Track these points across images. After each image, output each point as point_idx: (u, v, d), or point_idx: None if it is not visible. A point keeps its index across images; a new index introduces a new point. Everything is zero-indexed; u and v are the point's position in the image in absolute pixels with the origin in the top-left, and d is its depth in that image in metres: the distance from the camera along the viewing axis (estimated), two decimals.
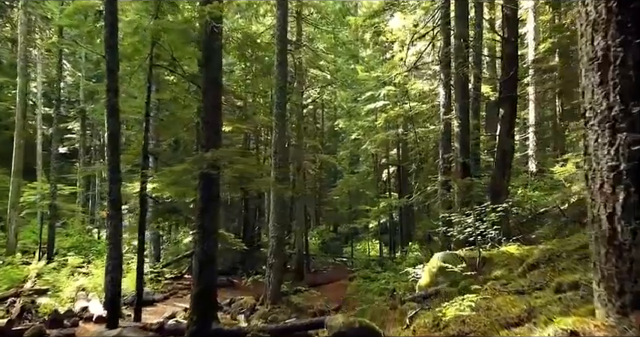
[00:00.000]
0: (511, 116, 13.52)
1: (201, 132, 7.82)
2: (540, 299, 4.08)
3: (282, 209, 15.04)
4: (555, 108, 23.60)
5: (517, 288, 5.20)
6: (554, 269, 6.01)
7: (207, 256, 7.67)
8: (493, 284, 6.11)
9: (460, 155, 13.49)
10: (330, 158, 24.66)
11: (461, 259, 9.51)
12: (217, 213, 8.08)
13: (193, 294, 7.55)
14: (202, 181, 7.79)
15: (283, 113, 15.32)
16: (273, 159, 15.13)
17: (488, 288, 5.76)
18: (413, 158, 23.53)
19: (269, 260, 14.90)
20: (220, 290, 17.49)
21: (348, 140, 29.46)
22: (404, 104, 20.98)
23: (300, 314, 14.74)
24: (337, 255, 27.01)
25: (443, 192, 13.77)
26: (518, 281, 5.91)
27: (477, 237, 9.29)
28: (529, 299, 4.24)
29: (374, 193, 26.70)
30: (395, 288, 15.75)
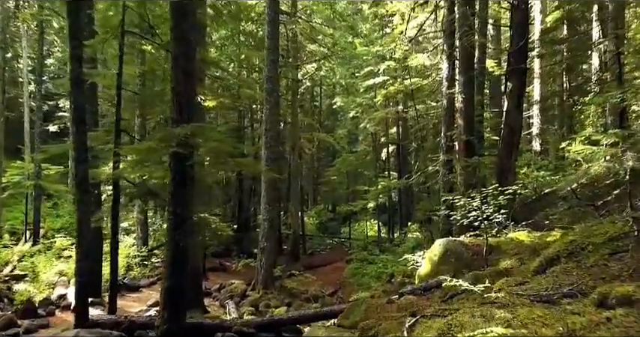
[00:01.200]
0: (520, 90, 12.35)
1: (171, 104, 6.70)
2: (579, 318, 3.09)
3: (274, 190, 14.04)
4: (562, 84, 22.32)
5: (540, 293, 4.20)
6: (580, 266, 5.01)
7: (180, 246, 6.68)
8: (507, 283, 5.11)
9: (464, 132, 12.38)
10: (327, 137, 23.55)
11: (464, 246, 8.53)
12: (192, 197, 7.05)
13: (164, 288, 6.60)
14: (173, 161, 6.75)
15: (275, 88, 14.16)
16: (264, 138, 14.06)
17: (504, 291, 4.76)
18: (414, 135, 22.40)
19: (261, 244, 13.98)
20: (211, 274, 16.70)
21: (346, 118, 28.27)
22: (404, 79, 19.74)
23: (294, 299, 13.89)
24: (335, 236, 26.14)
25: (445, 172, 12.72)
26: (537, 280, 4.91)
27: (483, 222, 8.28)
28: (563, 315, 3.24)
29: (373, 173, 25.67)
30: (393, 273, 14.91)
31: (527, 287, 4.65)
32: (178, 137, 6.41)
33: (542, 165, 21.58)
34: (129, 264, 14.58)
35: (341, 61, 25.04)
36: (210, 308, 12.32)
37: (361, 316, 7.20)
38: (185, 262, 6.81)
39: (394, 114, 21.82)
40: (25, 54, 24.61)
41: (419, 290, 7.80)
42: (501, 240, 8.54)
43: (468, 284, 3.51)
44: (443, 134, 13.16)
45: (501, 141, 12.72)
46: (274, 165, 14.17)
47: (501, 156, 12.33)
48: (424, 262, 9.17)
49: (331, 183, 27.56)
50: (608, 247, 5.13)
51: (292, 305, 13.36)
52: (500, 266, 7.42)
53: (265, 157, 13.94)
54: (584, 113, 19.64)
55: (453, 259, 8.41)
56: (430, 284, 7.92)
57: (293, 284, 14.75)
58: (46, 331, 9.84)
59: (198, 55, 9.76)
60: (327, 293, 14.74)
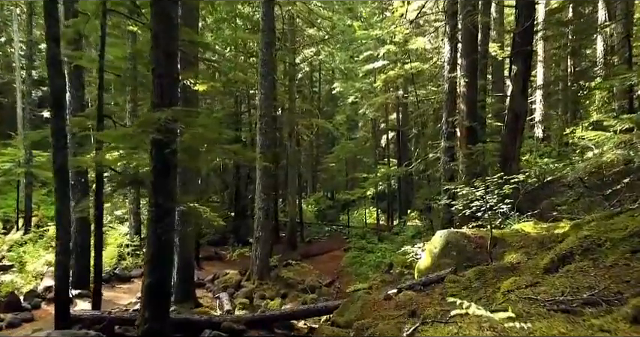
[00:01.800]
0: (525, 73, 11.74)
1: (152, 87, 6.12)
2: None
3: (269, 178, 13.51)
4: (567, 68, 21.61)
5: (556, 298, 3.68)
6: (597, 265, 4.49)
7: (162, 240, 6.16)
8: (516, 284, 4.59)
9: (466, 118, 11.81)
10: (325, 123, 22.91)
11: (467, 238, 8.03)
12: (175, 187, 6.50)
13: (145, 286, 6.09)
14: (154, 149, 6.18)
15: (270, 72, 13.53)
16: (259, 123, 13.48)
17: (514, 294, 4.24)
18: (414, 121, 21.76)
19: (256, 233, 13.49)
20: (206, 263, 16.26)
21: (346, 104, 27.59)
22: (404, 64, 19.05)
23: (290, 290, 13.46)
24: (333, 223, 25.68)
25: (446, 159, 12.17)
26: (550, 281, 4.38)
27: (487, 213, 7.75)
28: (591, 333, 2.71)
29: (372, 160, 25.11)
30: (392, 263, 14.46)
31: (540, 289, 4.13)
32: (158, 122, 5.84)
33: (544, 152, 21.02)
34: (121, 254, 14.13)
35: (340, 45, 24.29)
36: (203, 299, 11.88)
37: (357, 314, 6.72)
38: (168, 257, 6.29)
39: (394, 100, 21.18)
40: (17, 38, 23.89)
41: (418, 286, 7.32)
42: (506, 232, 8.03)
43: (481, 310, 2.94)
44: (444, 120, 12.58)
45: (505, 127, 12.14)
46: (269, 152, 13.62)
47: (505, 142, 11.76)
48: (424, 254, 8.67)
49: (330, 170, 27.01)
50: (629, 244, 4.60)
51: (288, 296, 12.94)
52: (506, 261, 6.92)
53: (260, 144, 13.38)
54: (590, 98, 19.01)
55: (455, 252, 7.91)
56: (430, 279, 7.43)
57: (289, 274, 14.30)
58: (30, 325, 9.41)
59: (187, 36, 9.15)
60: (324, 283, 14.29)
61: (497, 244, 7.63)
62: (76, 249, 11.29)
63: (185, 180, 10.61)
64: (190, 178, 10.73)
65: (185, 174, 10.56)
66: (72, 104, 11.22)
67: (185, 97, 10.74)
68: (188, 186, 10.65)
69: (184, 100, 10.73)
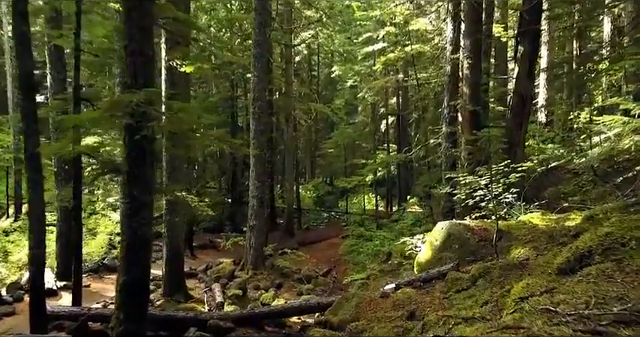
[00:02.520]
0: (532, 54, 11.05)
1: (125, 66, 5.47)
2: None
3: (262, 165, 12.89)
4: (572, 51, 20.79)
5: (580, 312, 3.11)
6: (622, 268, 3.92)
7: (138, 235, 5.59)
8: (529, 290, 4.00)
9: (469, 102, 11.14)
10: (323, 107, 22.17)
11: (470, 231, 7.45)
12: (152, 177, 5.90)
13: (120, 284, 5.54)
14: (128, 135, 5.56)
15: (264, 53, 12.81)
16: (252, 107, 12.82)
17: (528, 302, 3.66)
18: (414, 105, 21.03)
19: (250, 222, 12.95)
20: (200, 252, 15.75)
21: (344, 88, 26.82)
22: (404, 46, 18.27)
23: (285, 280, 12.97)
24: (332, 210, 25.14)
25: (447, 145, 11.54)
26: (568, 287, 3.80)
27: (492, 203, 7.16)
28: None
29: (371, 145, 24.45)
30: (391, 252, 13.94)
31: (559, 298, 3.55)
32: (129, 105, 5.21)
33: (547, 137, 20.36)
34: (112, 243, 13.60)
35: (339, 27, 23.44)
36: (195, 291, 11.38)
37: (351, 313, 6.18)
38: (145, 253, 5.72)
39: (394, 83, 20.44)
40: (6, 20, 22.98)
41: (418, 282, 6.77)
42: (512, 224, 7.45)
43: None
44: (446, 104, 11.91)
45: (510, 111, 11.50)
46: (264, 138, 13.00)
47: (510, 128, 11.14)
48: (424, 247, 8.12)
49: (328, 156, 26.35)
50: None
51: (283, 287, 12.46)
52: (513, 256, 6.35)
53: (254, 129, 12.76)
54: (597, 82, 18.26)
55: (457, 245, 7.35)
56: (430, 274, 6.88)
57: (285, 263, 13.78)
58: (11, 320, 8.93)
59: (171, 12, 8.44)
60: (321, 272, 13.80)
61: (502, 237, 7.06)
62: (60, 239, 10.76)
63: (174, 167, 10.01)
64: (179, 166, 10.12)
65: (173, 161, 9.96)
66: (53, 87, 10.58)
67: (172, 80, 10.09)
68: (177, 173, 10.06)
69: (171, 83, 10.10)
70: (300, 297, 11.75)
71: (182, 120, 5.49)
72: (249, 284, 12.28)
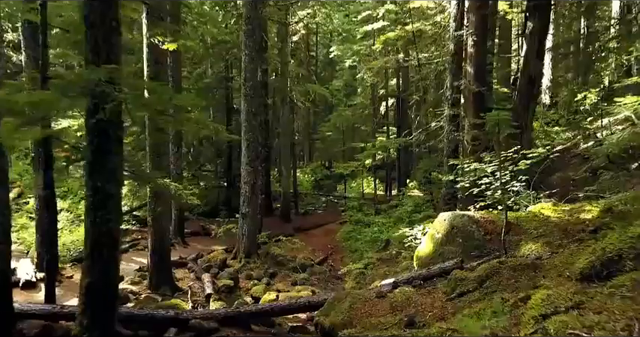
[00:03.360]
0: (542, 31, 10.24)
1: (85, 39, 4.72)
2: None
3: (255, 149, 12.17)
4: (580, 29, 19.85)
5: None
6: None
7: (104, 232, 4.93)
8: (550, 303, 3.35)
9: (474, 82, 10.37)
10: (321, 89, 21.31)
11: (475, 223, 6.78)
12: (120, 166, 5.21)
13: (83, 286, 4.91)
14: (88, 119, 4.86)
15: (256, 30, 11.97)
16: (243, 88, 12.05)
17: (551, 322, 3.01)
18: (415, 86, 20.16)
19: (242, 209, 12.31)
20: (192, 239, 15.13)
21: (343, 68, 25.89)
22: (405, 25, 17.34)
23: (279, 268, 12.39)
24: (330, 194, 24.49)
25: (450, 129, 10.80)
26: (599, 302, 3.15)
27: (500, 192, 6.49)
28: None
29: (370, 129, 23.65)
30: (389, 240, 13.35)
31: (592, 319, 2.88)
32: (87, 84, 4.49)
33: (552, 119, 19.58)
34: None
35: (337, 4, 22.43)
36: (184, 281, 10.81)
37: (344, 316, 5.55)
38: (112, 251, 5.07)
39: (394, 64, 19.53)
40: None
41: (418, 280, 6.13)
42: (521, 215, 6.78)
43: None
44: (448, 84, 11.13)
45: (517, 92, 10.73)
46: (256, 120, 12.25)
47: (517, 110, 10.38)
48: (424, 240, 7.46)
49: (326, 139, 25.56)
50: None
51: (277, 276, 11.89)
52: (523, 253, 5.70)
53: (245, 111, 12.02)
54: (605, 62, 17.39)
55: (461, 239, 6.70)
56: (432, 271, 6.24)
57: (279, 250, 13.20)
58: None
59: None
60: (317, 260, 13.22)
61: (511, 230, 6.41)
62: (41, 228, 10.12)
63: (158, 153, 9.31)
64: (164, 151, 9.42)
65: (158, 146, 9.25)
66: (28, 66, 9.80)
67: (155, 59, 9.31)
68: (161, 159, 9.37)
69: (154, 62, 9.32)
70: (294, 288, 11.19)
71: (150, 102, 4.76)
72: (242, 273, 11.71)
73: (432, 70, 19.18)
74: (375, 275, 10.97)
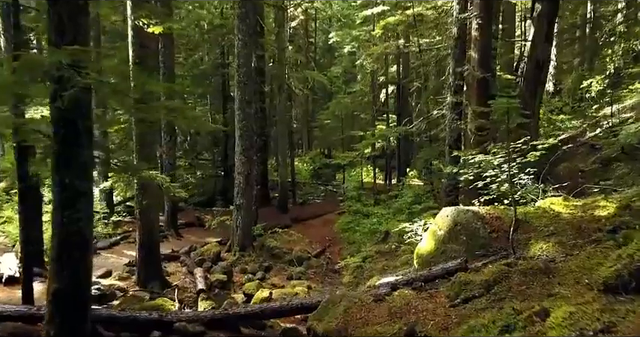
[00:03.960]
0: (551, 14, 9.64)
1: (48, 17, 4.16)
2: None
3: (249, 139, 11.64)
4: (586, 14, 19.14)
5: None
6: None
7: (72, 233, 4.44)
8: (574, 323, 2.86)
9: (478, 68, 9.78)
10: (319, 75, 20.67)
11: (480, 219, 6.28)
12: (88, 161, 4.67)
13: (50, 293, 4.43)
14: (53, 107, 4.33)
15: (249, 13, 11.36)
16: (236, 75, 11.48)
17: None
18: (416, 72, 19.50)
19: (236, 201, 11.84)
20: (186, 231, 14.67)
21: (342, 54, 25.18)
22: (405, 9, 16.65)
23: (275, 262, 11.95)
24: (329, 183, 23.98)
25: (452, 117, 10.25)
26: (633, 324, 2.67)
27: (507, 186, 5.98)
28: None
29: (370, 116, 23.04)
30: (388, 231, 12.89)
31: None
32: (49, 66, 3.95)
33: (556, 107, 18.97)
34: None
35: None
36: (175, 276, 10.37)
37: (338, 321, 5.09)
38: (82, 254, 4.59)
39: (394, 50, 18.87)
40: None
41: (418, 282, 5.65)
42: (529, 211, 6.28)
43: None
44: (451, 70, 10.54)
45: (523, 79, 10.17)
46: (250, 108, 11.69)
47: (523, 97, 9.83)
48: (426, 236, 6.97)
49: (325, 127, 24.95)
50: None
51: (272, 270, 11.45)
52: (533, 254, 5.21)
53: (239, 99, 11.46)
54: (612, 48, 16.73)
55: (465, 236, 6.21)
56: (434, 272, 5.76)
57: (275, 243, 12.74)
58: None
59: None
60: (314, 253, 12.77)
61: (519, 227, 5.91)
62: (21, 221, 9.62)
63: (143, 143, 8.78)
64: (150, 141, 8.89)
65: (143, 136, 8.72)
66: (7, 50, 9.21)
67: (140, 42, 8.72)
68: (147, 150, 8.84)
69: (140, 46, 8.73)
70: (289, 282, 10.76)
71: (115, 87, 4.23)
72: (236, 267, 11.28)
73: (432, 56, 18.54)
74: (373, 270, 10.53)
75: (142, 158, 8.73)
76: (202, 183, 21.77)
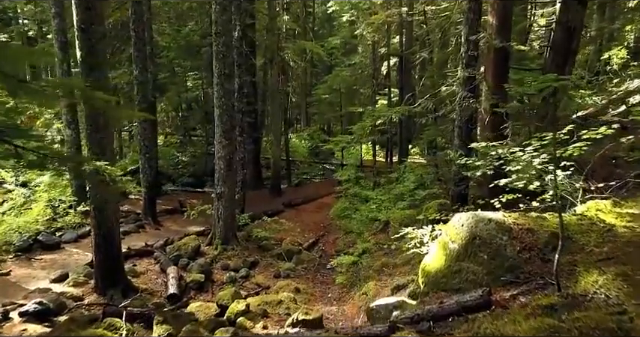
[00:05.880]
0: None
1: None
2: None
3: (229, 119, 10.00)
4: None
5: None
6: None
7: None
8: None
9: (497, 36, 8.05)
10: (315, 46, 18.76)
11: (506, 232, 4.74)
12: None
13: None
14: None
15: None
16: (214, 45, 9.74)
17: None
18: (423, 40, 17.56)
19: (217, 189, 10.33)
20: (167, 219, 13.14)
21: (340, 23, 23.16)
22: None
23: (262, 256, 10.55)
24: (327, 161, 22.39)
25: (465, 94, 8.54)
26: None
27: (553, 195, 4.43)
28: None
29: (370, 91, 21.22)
30: (389, 221, 11.43)
31: None
32: None
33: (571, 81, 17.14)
34: (57, 212, 11.03)
35: None
36: (145, 276, 8.95)
37: None
38: None
39: (396, 18, 16.93)
40: None
41: (425, 321, 4.16)
42: (571, 221, 4.73)
43: None
44: (464, 39, 8.75)
45: (551, 48, 8.43)
46: (230, 83, 10.01)
47: (550, 70, 8.11)
48: (435, 249, 5.44)
49: (323, 102, 23.16)
50: None
51: (258, 266, 10.07)
52: (585, 290, 3.71)
53: (217, 72, 9.76)
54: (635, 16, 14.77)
55: (486, 255, 4.69)
56: (446, 307, 4.26)
57: (263, 233, 11.30)
58: None
59: None
60: (306, 245, 11.35)
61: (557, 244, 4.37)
62: None
63: (97, 126, 7.19)
64: (104, 125, 7.28)
65: (96, 118, 7.12)
66: None
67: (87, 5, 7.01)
68: (101, 135, 7.25)
69: (85, 8, 7.02)
70: (276, 281, 9.38)
71: None
72: (217, 263, 9.88)
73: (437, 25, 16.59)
74: (370, 268, 9.11)
75: (93, 144, 7.18)
76: (194, 161, 20.27)
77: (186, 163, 20.50)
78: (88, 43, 7.06)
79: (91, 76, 7.13)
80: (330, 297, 8.53)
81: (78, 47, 7.08)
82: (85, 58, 7.11)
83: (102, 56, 7.43)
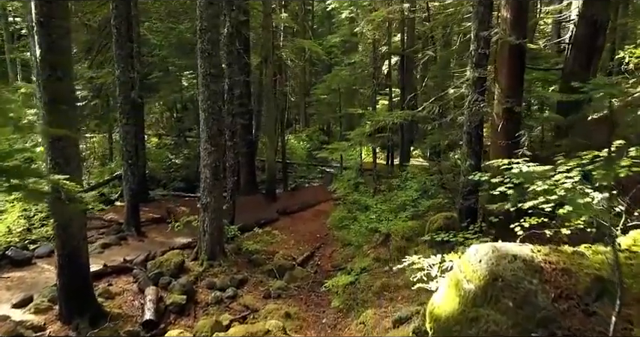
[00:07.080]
0: None
1: None
2: None
3: (216, 123, 9.06)
4: None
5: None
6: None
7: None
8: None
9: (511, 32, 7.08)
10: (312, 44, 17.79)
11: (535, 273, 3.78)
12: None
13: None
14: None
15: None
16: (199, 42, 8.79)
17: None
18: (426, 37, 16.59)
19: (203, 199, 9.41)
20: (152, 229, 12.16)
21: (339, 20, 22.18)
22: None
23: (252, 272, 9.61)
24: (326, 164, 21.42)
25: (475, 97, 7.56)
26: None
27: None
28: None
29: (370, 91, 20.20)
30: (389, 233, 10.49)
31: None
32: None
33: None
34: (32, 223, 10.11)
35: None
36: (122, 297, 8.03)
37: None
38: None
39: (398, 15, 15.93)
40: None
41: None
42: (620, 259, 3.76)
43: None
44: (473, 35, 7.77)
45: (572, 45, 7.45)
46: (217, 84, 9.05)
47: (570, 70, 7.17)
48: (445, 286, 4.46)
49: (322, 103, 22.17)
50: None
51: (246, 284, 9.16)
52: None
53: (202, 72, 8.83)
54: None
55: (511, 301, 3.73)
56: None
57: (254, 246, 10.39)
58: None
59: None
60: (300, 259, 10.44)
61: (605, 291, 3.43)
62: None
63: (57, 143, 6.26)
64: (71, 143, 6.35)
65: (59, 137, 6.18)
66: None
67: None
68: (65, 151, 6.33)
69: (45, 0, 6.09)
70: (266, 302, 8.48)
71: None
72: (202, 281, 8.97)
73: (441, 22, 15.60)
74: (369, 290, 8.17)
75: (56, 153, 6.26)
76: (188, 164, 19.32)
77: (178, 166, 19.59)
78: (48, 39, 6.14)
79: (52, 76, 6.23)
80: (325, 323, 7.61)
81: (37, 43, 6.16)
82: (44, 56, 6.20)
83: (65, 54, 6.50)
